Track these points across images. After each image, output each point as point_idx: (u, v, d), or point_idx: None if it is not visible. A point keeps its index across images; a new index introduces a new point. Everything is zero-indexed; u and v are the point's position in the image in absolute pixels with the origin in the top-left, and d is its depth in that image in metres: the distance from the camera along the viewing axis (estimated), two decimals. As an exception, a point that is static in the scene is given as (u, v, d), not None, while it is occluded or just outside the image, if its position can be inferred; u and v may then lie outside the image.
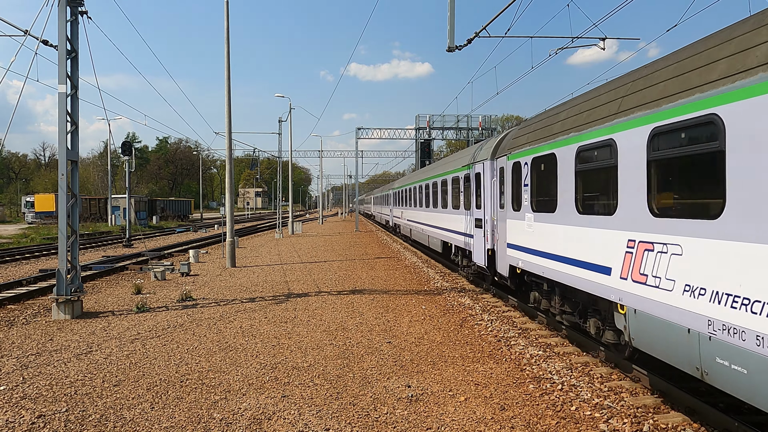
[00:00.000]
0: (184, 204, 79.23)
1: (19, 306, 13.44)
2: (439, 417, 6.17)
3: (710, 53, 5.59)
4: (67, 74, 12.00)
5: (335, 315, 11.64)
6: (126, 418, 6.20)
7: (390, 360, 8.33)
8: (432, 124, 49.72)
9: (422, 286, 15.72)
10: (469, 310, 12.06)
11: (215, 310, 12.33)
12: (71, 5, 12.11)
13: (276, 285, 16.03)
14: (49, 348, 9.23)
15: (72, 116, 12.19)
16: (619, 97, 7.36)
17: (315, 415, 6.25)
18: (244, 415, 6.26)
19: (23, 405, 6.62)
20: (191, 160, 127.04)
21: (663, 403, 6.59)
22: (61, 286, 11.73)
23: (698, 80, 5.61)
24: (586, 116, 8.21)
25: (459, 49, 12.89)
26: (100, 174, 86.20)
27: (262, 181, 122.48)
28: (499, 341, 9.47)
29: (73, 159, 12.19)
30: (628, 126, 6.85)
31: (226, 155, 21.22)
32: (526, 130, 11.27)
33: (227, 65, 20.03)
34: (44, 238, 37.15)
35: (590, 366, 8.13)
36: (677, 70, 6.10)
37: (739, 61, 5.07)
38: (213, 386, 7.21)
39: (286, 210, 52.99)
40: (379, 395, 6.85)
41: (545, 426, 5.93)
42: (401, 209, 32.52)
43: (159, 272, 17.57)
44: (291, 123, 41.04)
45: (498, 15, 11.51)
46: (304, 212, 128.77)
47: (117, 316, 11.83)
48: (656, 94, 6.34)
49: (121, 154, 32.53)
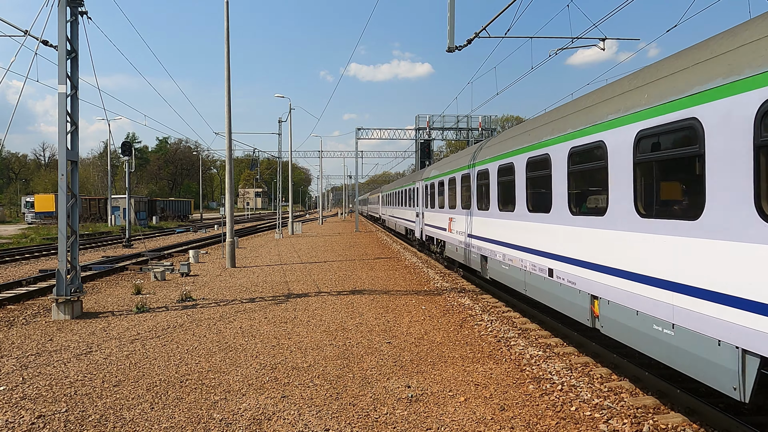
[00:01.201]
0: (184, 204, 79.24)
1: (18, 306, 13.43)
2: (438, 417, 6.17)
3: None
4: (66, 74, 12.00)
5: (335, 315, 11.64)
6: (126, 418, 6.20)
7: (390, 360, 8.33)
8: (432, 124, 49.74)
9: (422, 286, 15.72)
10: (469, 311, 12.06)
11: (215, 311, 12.33)
12: (71, 5, 12.12)
13: (276, 285, 16.03)
14: (48, 348, 9.22)
15: (72, 116, 12.19)
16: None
17: (315, 415, 6.25)
18: (244, 415, 6.26)
19: (23, 405, 6.61)
20: (191, 161, 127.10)
21: (663, 404, 6.59)
22: (60, 286, 11.73)
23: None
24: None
25: (459, 49, 12.87)
26: (100, 174, 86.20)
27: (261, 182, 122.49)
28: (498, 341, 9.47)
29: (72, 159, 12.19)
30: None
31: (226, 155, 21.22)
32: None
33: (227, 65, 20.04)
34: (44, 239, 37.14)
35: (590, 366, 8.13)
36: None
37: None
38: (213, 386, 7.21)
39: (286, 210, 53.00)
40: (379, 395, 6.85)
41: (545, 426, 5.93)
42: (390, 208, 44.33)
43: (159, 272, 17.56)
44: (291, 123, 41.10)
45: (498, 15, 11.50)
46: (304, 213, 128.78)
47: (117, 317, 11.83)
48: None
49: (121, 154, 32.54)
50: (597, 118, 7.63)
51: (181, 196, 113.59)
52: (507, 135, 12.18)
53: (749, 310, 4.78)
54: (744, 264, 4.86)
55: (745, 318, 4.81)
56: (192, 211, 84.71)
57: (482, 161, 13.23)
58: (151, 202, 65.57)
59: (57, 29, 11.90)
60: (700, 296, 5.43)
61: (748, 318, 4.78)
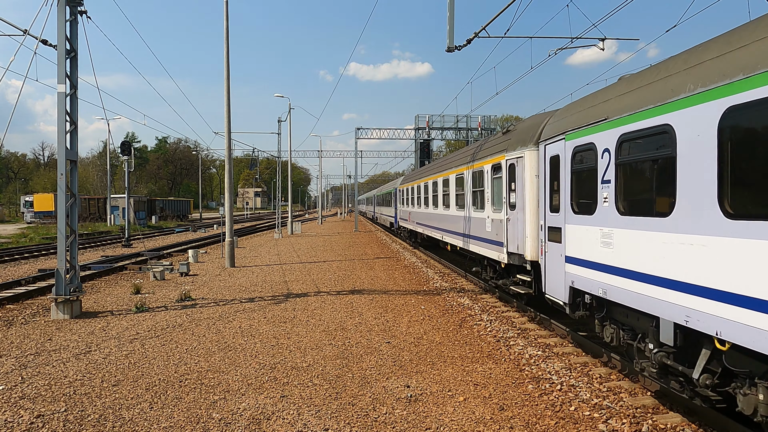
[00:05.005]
0: (183, 204, 79.13)
1: (18, 306, 13.42)
2: (438, 417, 6.17)
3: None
4: (66, 74, 12.00)
5: (334, 315, 11.64)
6: (125, 418, 6.20)
7: (389, 360, 8.33)
8: (431, 124, 49.74)
9: (421, 286, 15.72)
10: (468, 311, 12.06)
11: (214, 310, 12.33)
12: (70, 5, 12.10)
13: (275, 285, 16.03)
14: (47, 348, 9.22)
15: (71, 116, 12.18)
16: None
17: (314, 415, 6.25)
18: (243, 415, 6.26)
19: (22, 405, 6.61)
20: (190, 160, 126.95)
21: (662, 404, 6.60)
22: (60, 285, 11.72)
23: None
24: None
25: (458, 49, 12.87)
26: (99, 174, 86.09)
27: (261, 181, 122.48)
28: (498, 341, 9.47)
29: (72, 159, 12.18)
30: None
31: (226, 155, 21.22)
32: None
33: (226, 65, 20.03)
34: (43, 238, 37.10)
35: (589, 366, 8.14)
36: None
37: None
38: (212, 386, 7.21)
39: (285, 210, 52.98)
40: (378, 395, 6.85)
41: (544, 426, 5.94)
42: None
43: (158, 272, 17.56)
44: (290, 123, 41.08)
45: (497, 15, 11.51)
46: (303, 212, 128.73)
47: (116, 316, 11.82)
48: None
49: (120, 153, 32.51)
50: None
51: (181, 196, 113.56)
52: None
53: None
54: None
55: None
56: (191, 210, 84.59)
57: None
58: (151, 201, 65.48)
59: (56, 29, 11.90)
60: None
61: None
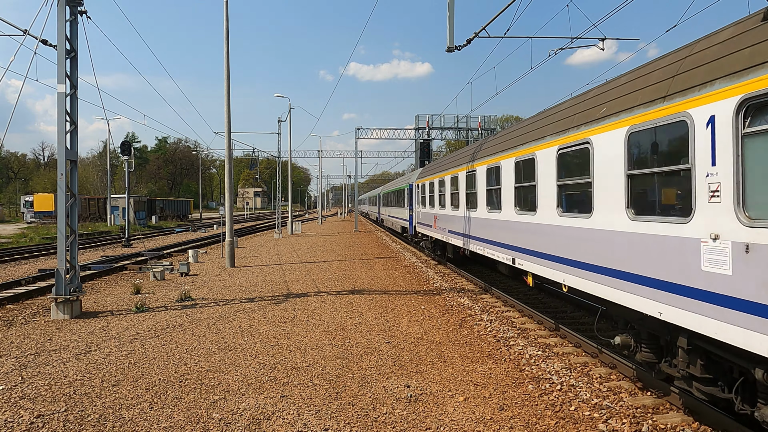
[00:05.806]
0: (184, 204, 79.14)
1: (18, 306, 13.42)
2: (438, 417, 6.17)
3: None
4: (66, 74, 11.99)
5: (334, 315, 11.63)
6: (125, 418, 6.19)
7: (389, 360, 8.33)
8: (431, 124, 49.71)
9: (421, 286, 15.72)
10: (468, 311, 12.06)
11: (214, 310, 12.32)
12: (70, 5, 12.10)
13: (275, 285, 16.03)
14: (48, 348, 9.22)
15: (71, 116, 12.18)
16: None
17: (314, 415, 6.25)
18: (243, 415, 6.26)
19: (22, 405, 6.61)
20: (190, 160, 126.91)
21: (662, 403, 6.60)
22: (60, 285, 11.72)
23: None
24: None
25: (458, 49, 12.86)
26: (99, 174, 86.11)
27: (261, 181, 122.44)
28: (498, 341, 9.47)
29: (72, 159, 12.18)
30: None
31: (226, 155, 21.21)
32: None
33: (227, 65, 20.03)
34: (43, 238, 37.10)
35: (589, 366, 8.14)
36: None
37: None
38: (212, 386, 7.21)
39: (285, 210, 52.98)
40: (378, 395, 6.85)
41: (544, 426, 5.94)
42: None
43: (158, 272, 17.56)
44: (290, 123, 41.08)
45: (497, 15, 11.50)
46: (303, 212, 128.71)
47: (116, 316, 11.82)
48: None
49: (120, 153, 32.52)
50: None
51: (181, 196, 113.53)
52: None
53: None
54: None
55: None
56: (191, 210, 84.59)
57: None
58: (151, 201, 65.48)
59: (56, 28, 11.90)
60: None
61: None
